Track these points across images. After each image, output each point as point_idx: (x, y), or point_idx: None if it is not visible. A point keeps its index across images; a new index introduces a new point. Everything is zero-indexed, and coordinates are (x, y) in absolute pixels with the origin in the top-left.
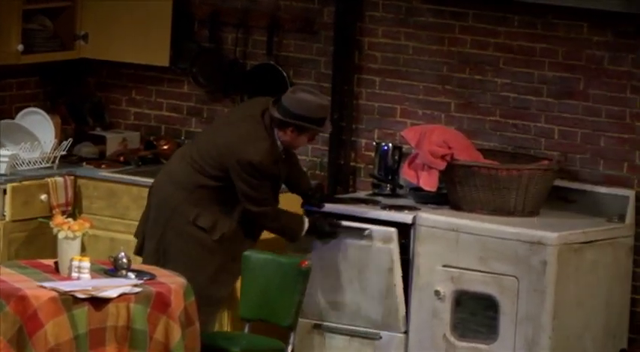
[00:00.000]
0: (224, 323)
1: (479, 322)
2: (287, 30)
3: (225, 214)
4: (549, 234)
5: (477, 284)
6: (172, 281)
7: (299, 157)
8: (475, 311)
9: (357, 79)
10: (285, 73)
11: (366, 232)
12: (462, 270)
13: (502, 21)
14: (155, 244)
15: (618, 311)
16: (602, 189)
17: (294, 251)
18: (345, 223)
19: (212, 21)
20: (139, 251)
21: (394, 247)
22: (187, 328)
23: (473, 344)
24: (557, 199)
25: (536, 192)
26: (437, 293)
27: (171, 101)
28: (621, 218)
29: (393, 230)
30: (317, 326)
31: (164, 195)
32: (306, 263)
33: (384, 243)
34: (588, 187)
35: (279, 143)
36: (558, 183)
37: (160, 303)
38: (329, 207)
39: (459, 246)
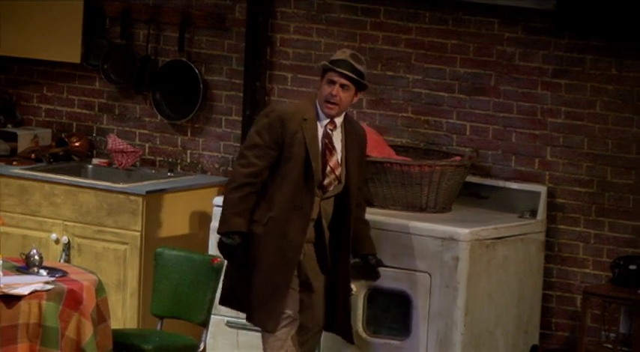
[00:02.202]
0: (136, 320)
1: (392, 318)
2: (198, 26)
3: (265, 202)
4: (461, 229)
5: (390, 280)
6: (84, 279)
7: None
8: (388, 307)
9: (269, 75)
10: (196, 70)
11: None
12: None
13: (413, 17)
14: None
15: (530, 307)
16: (514, 185)
17: None
18: None
19: (123, 18)
20: None
21: None
22: (99, 325)
23: (386, 341)
24: (469, 195)
25: (448, 188)
26: (349, 289)
27: (83, 98)
28: (533, 214)
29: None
30: (230, 323)
31: None
32: (218, 260)
33: None
34: (500, 183)
35: (317, 111)
36: (470, 179)
37: (71, 300)
38: None
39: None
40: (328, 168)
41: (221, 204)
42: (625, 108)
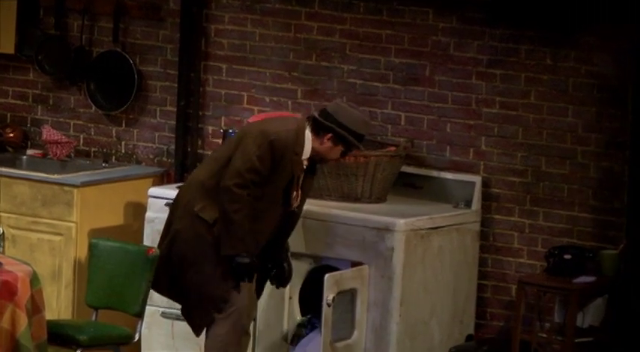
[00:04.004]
0: (70, 310)
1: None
2: (133, 17)
3: None
4: (396, 220)
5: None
6: (19, 270)
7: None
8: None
9: (204, 66)
10: (131, 60)
11: None
12: (307, 258)
13: (348, 7)
14: (165, 229)
15: (465, 297)
16: (449, 175)
17: None
18: None
19: (57, 8)
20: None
21: None
22: (34, 316)
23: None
24: (405, 185)
25: (383, 179)
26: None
27: (17, 89)
28: (468, 204)
29: None
30: (164, 314)
31: (182, 187)
32: (153, 251)
33: None
34: (435, 173)
35: (307, 148)
36: (405, 169)
37: (6, 291)
38: None
39: (306, 231)
40: (295, 194)
41: (156, 195)
42: (560, 98)
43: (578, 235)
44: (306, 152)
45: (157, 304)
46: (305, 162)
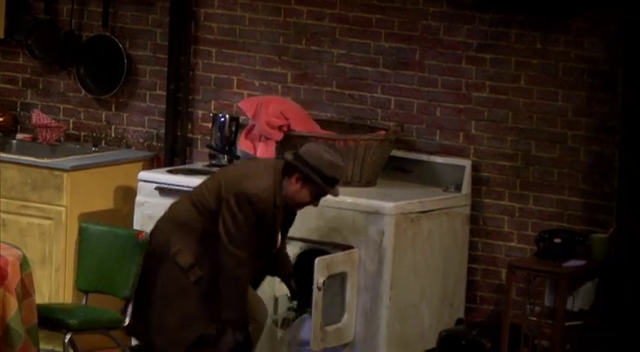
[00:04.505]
0: (61, 295)
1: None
2: (122, 1)
3: (208, 257)
4: (386, 203)
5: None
6: (9, 254)
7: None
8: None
9: (194, 50)
10: (121, 45)
11: None
12: (297, 241)
13: None
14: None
15: (455, 281)
16: (439, 159)
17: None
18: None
19: None
20: None
21: None
22: (24, 300)
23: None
24: (394, 169)
25: (373, 163)
26: None
27: (7, 73)
28: (457, 188)
29: None
30: None
31: (157, 225)
32: (143, 235)
33: None
34: (425, 157)
35: (285, 190)
36: (395, 153)
37: None
38: (166, 179)
39: (297, 215)
40: (276, 239)
41: (146, 179)
42: (549, 83)
43: (568, 219)
44: (283, 200)
45: None
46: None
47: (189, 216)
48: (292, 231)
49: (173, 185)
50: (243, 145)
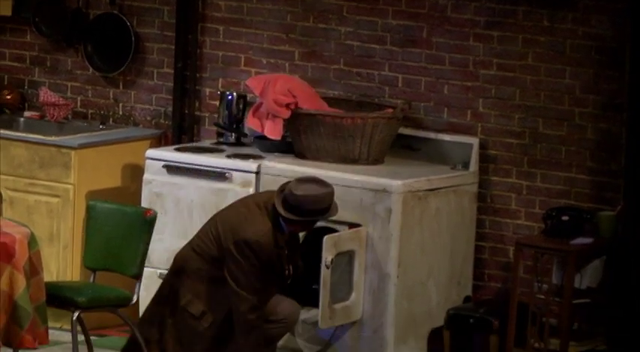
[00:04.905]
0: (69, 272)
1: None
2: None
3: (218, 302)
4: (394, 181)
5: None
6: (17, 232)
7: None
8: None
9: (201, 27)
10: (128, 22)
11: (227, 175)
12: None
13: None
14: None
15: (462, 259)
16: (446, 137)
17: None
18: (203, 167)
19: None
20: None
21: (252, 191)
22: (32, 278)
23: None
24: (402, 147)
25: (380, 140)
26: None
27: (14, 51)
28: (465, 165)
29: (252, 174)
30: (163, 275)
31: (165, 279)
32: (151, 212)
33: (243, 186)
34: (432, 135)
35: (284, 229)
36: (403, 131)
37: (4, 253)
38: (175, 157)
39: None
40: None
41: (154, 157)
42: (557, 60)
43: (576, 197)
44: (284, 229)
45: (155, 265)
46: (287, 239)
47: (194, 265)
48: None
49: (180, 163)
50: (250, 123)
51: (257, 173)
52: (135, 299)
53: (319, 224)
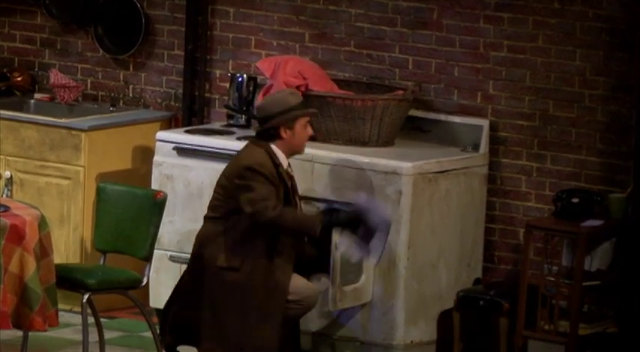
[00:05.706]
0: (79, 254)
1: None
2: None
3: (250, 250)
4: (404, 163)
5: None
6: (27, 214)
7: None
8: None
9: (211, 9)
10: (139, 4)
11: None
12: (315, 201)
13: None
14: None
15: (472, 241)
16: (457, 119)
17: None
18: (213, 149)
19: None
20: None
21: None
22: (42, 260)
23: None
24: (412, 129)
25: (390, 122)
26: None
27: (25, 32)
28: (475, 147)
29: None
30: (173, 258)
31: (199, 240)
32: (161, 194)
33: None
34: (443, 117)
35: (281, 156)
36: (413, 113)
37: (14, 235)
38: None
39: (315, 176)
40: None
41: (164, 139)
42: (567, 42)
43: (586, 179)
44: (283, 160)
45: (166, 248)
46: (290, 170)
47: (216, 229)
48: (310, 192)
49: (191, 145)
50: None
51: None
52: (145, 281)
53: (329, 206)
